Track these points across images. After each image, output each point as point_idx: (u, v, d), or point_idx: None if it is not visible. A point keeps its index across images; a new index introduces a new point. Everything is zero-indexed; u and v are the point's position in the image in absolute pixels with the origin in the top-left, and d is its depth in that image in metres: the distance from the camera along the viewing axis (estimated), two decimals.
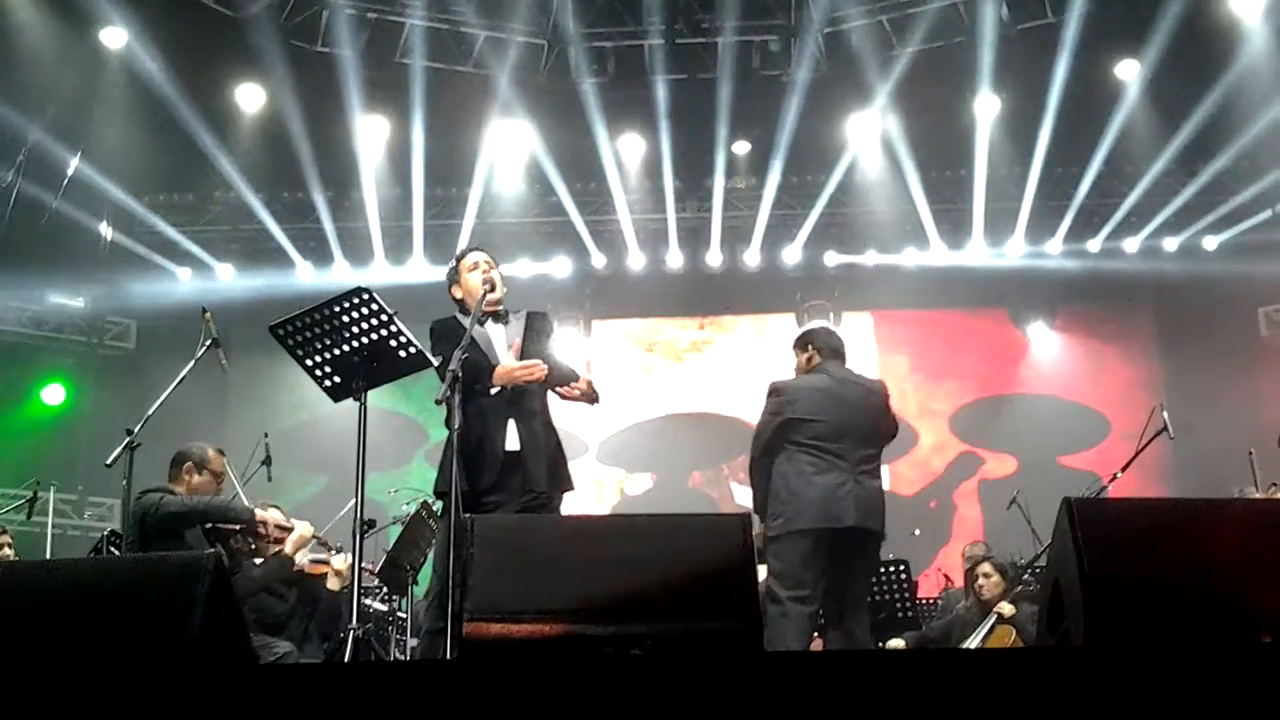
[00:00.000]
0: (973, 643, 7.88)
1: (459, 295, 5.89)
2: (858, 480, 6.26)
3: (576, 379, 5.56)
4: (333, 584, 7.43)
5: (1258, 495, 7.42)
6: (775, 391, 6.53)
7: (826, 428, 6.33)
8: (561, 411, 5.73)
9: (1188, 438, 9.12)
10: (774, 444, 6.41)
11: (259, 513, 6.48)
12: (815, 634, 6.73)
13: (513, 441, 5.46)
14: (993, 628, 7.94)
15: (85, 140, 12.60)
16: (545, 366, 5.46)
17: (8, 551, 8.09)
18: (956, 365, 14.86)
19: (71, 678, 3.01)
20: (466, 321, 5.53)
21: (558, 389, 5.51)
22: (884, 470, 6.67)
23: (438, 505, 6.34)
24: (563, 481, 5.63)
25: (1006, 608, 7.95)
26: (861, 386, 6.61)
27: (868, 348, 14.87)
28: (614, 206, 14.23)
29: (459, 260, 5.96)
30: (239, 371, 9.51)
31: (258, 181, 13.74)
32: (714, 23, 12.68)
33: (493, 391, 5.42)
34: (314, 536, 7.01)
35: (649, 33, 12.78)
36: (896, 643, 8.40)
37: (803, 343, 6.80)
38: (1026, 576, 8.27)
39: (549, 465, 5.54)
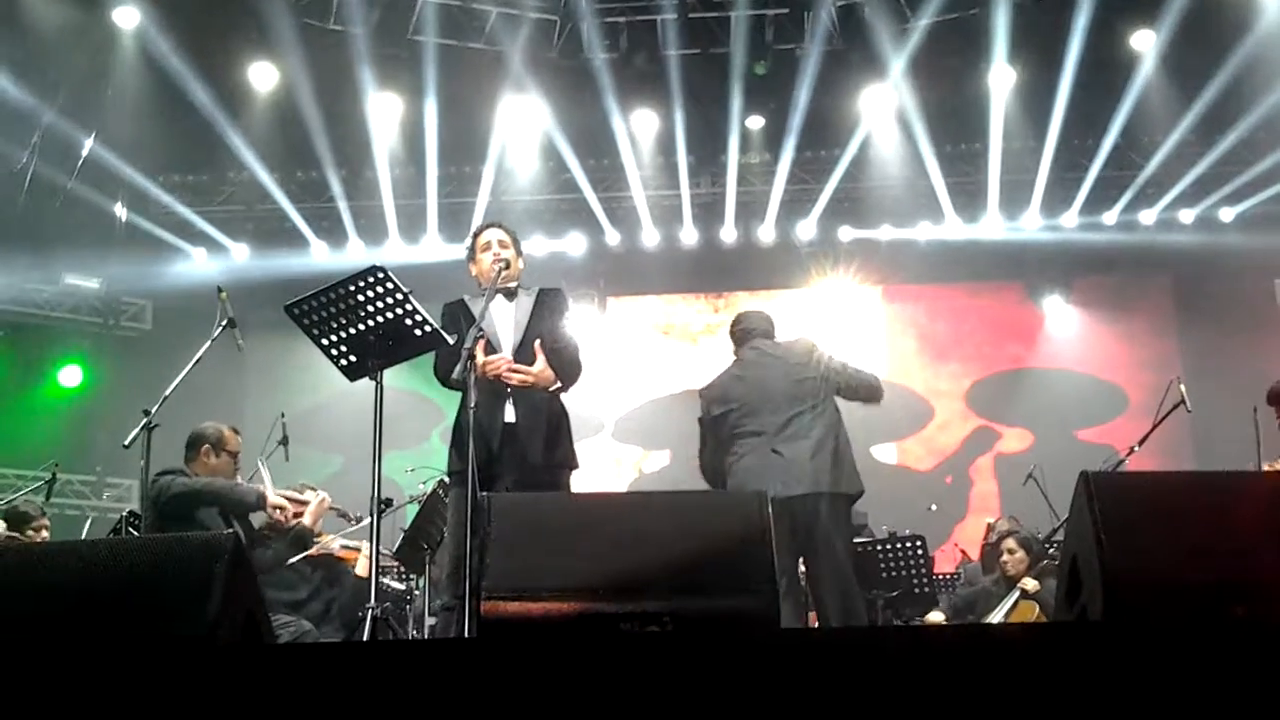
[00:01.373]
0: (995, 617, 7.88)
1: (474, 273, 5.89)
2: (775, 450, 6.27)
3: (541, 366, 5.46)
4: (362, 569, 7.41)
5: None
6: (700, 397, 6.75)
7: (741, 412, 6.46)
8: (576, 390, 5.71)
9: (1205, 411, 9.07)
10: (707, 445, 6.66)
11: (269, 496, 6.45)
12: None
13: (509, 414, 5.45)
14: (1016, 603, 7.93)
15: (99, 121, 12.61)
16: (508, 360, 5.45)
17: (45, 535, 8.14)
18: (972, 339, 14.84)
19: (90, 658, 3.03)
20: (474, 305, 5.55)
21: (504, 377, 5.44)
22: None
23: None
24: (566, 459, 5.58)
25: (1030, 583, 7.92)
26: (769, 358, 6.64)
27: (882, 323, 14.86)
28: (628, 183, 14.23)
29: (475, 237, 5.93)
30: (255, 351, 9.55)
31: (272, 161, 13.74)
32: None
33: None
34: (331, 507, 7.03)
35: (661, 7, 12.70)
36: (936, 616, 8.42)
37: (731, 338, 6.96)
38: (1052, 551, 8.26)
39: (547, 440, 5.49)
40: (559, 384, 5.57)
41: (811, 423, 6.35)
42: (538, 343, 5.51)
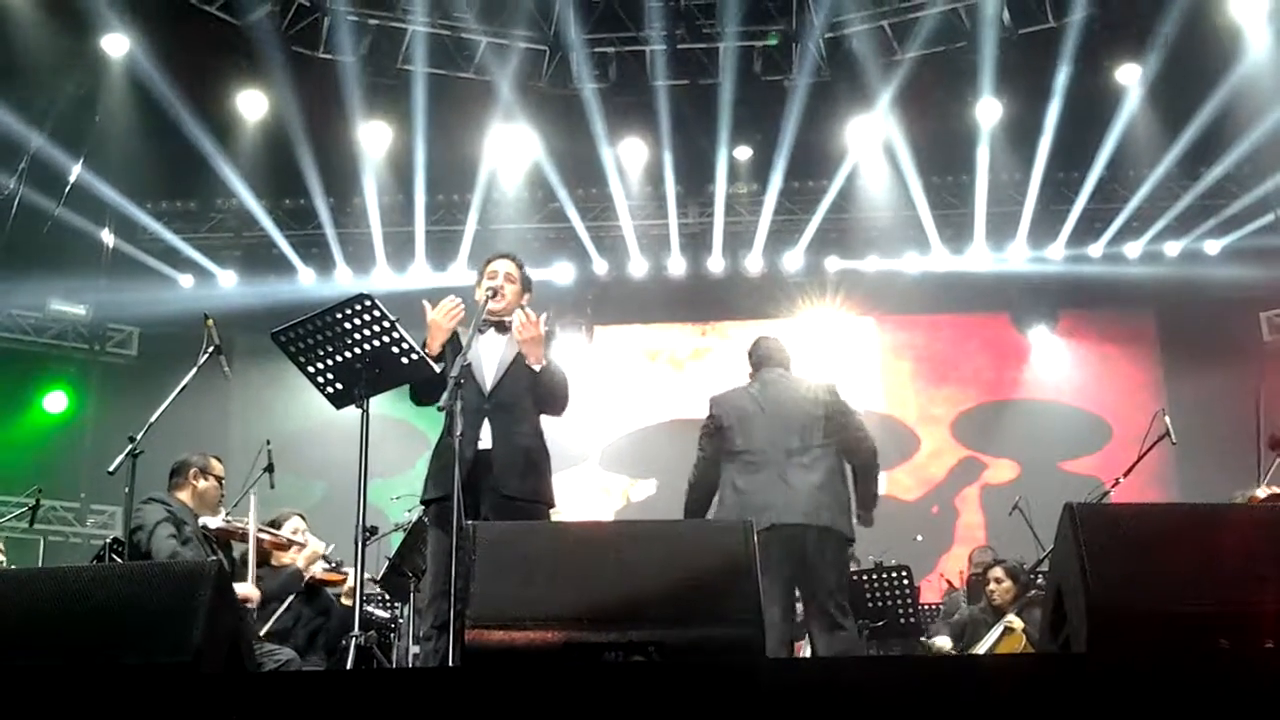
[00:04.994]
0: (981, 648, 7.84)
1: (476, 298, 5.72)
2: (783, 477, 6.22)
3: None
4: (347, 598, 7.34)
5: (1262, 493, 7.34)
6: (709, 408, 6.65)
7: (750, 432, 6.39)
8: (563, 418, 5.67)
9: (1189, 443, 9.08)
10: (709, 458, 6.53)
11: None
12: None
13: (485, 441, 5.33)
14: (1002, 635, 7.89)
15: (87, 147, 12.59)
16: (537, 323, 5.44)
17: (1, 559, 8.09)
18: (958, 370, 14.86)
19: (73, 685, 3.01)
20: (464, 332, 5.49)
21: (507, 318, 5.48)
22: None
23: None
24: (542, 494, 5.45)
25: (1016, 621, 7.89)
26: (790, 385, 6.61)
27: (870, 353, 14.87)
28: (616, 212, 14.27)
29: (486, 263, 5.82)
30: (241, 378, 9.54)
31: (260, 188, 13.76)
32: (715, 28, 12.70)
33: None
34: (324, 555, 6.99)
35: (650, 38, 12.79)
36: (943, 643, 8.38)
37: (748, 360, 6.94)
38: (1039, 581, 8.23)
39: (521, 471, 5.38)
40: (543, 364, 5.46)
41: (822, 458, 6.33)
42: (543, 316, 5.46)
